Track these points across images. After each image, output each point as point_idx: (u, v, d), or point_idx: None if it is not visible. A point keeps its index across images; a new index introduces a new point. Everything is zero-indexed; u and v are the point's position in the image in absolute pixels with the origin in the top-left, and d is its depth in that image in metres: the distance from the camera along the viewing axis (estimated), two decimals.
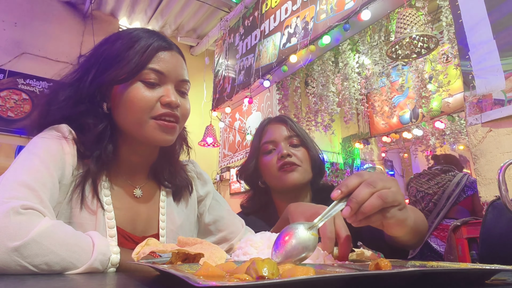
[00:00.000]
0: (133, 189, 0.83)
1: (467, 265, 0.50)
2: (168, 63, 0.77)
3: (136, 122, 0.75)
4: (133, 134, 0.77)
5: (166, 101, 0.75)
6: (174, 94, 0.77)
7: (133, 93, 0.74)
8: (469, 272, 0.43)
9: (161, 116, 0.75)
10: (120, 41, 0.78)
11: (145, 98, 0.74)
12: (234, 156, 4.94)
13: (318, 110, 3.83)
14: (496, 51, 1.67)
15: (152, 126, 0.75)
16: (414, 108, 4.41)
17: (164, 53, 0.78)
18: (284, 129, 1.22)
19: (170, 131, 0.77)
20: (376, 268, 0.40)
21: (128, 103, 0.74)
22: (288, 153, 1.16)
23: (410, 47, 2.42)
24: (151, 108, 0.74)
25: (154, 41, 0.77)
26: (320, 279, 0.31)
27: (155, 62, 0.76)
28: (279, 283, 0.30)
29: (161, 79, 0.76)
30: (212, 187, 1.01)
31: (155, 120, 0.75)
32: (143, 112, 0.74)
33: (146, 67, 0.75)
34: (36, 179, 0.62)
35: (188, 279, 0.29)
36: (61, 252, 0.52)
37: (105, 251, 0.56)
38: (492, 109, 1.66)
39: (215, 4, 4.61)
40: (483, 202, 1.67)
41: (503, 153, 1.61)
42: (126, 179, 0.82)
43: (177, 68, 0.79)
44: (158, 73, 0.75)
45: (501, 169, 0.80)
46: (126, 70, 0.74)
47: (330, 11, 3.01)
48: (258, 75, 3.80)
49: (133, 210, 0.81)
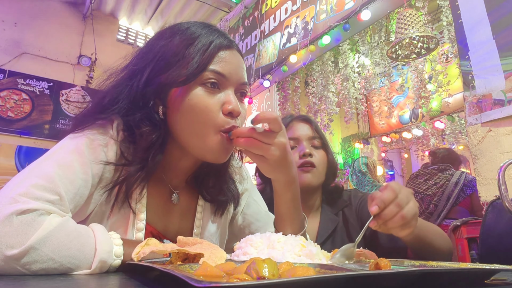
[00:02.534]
0: (171, 194, 0.76)
1: (467, 265, 0.50)
2: (230, 64, 0.69)
3: (197, 133, 0.67)
4: (190, 145, 0.69)
5: (229, 110, 0.66)
6: (236, 100, 0.68)
7: (194, 100, 0.65)
8: (469, 272, 0.43)
9: (226, 131, 0.67)
10: (178, 37, 0.69)
11: (207, 108, 0.65)
12: None
13: (318, 110, 3.83)
14: (496, 51, 1.67)
15: (216, 140, 0.66)
16: (413, 108, 4.42)
17: (225, 52, 0.69)
18: (308, 128, 1.22)
19: (231, 147, 0.69)
20: (376, 268, 0.40)
21: (188, 111, 0.66)
22: (310, 153, 1.16)
23: (410, 47, 2.42)
24: (215, 119, 0.66)
25: (215, 38, 0.69)
26: (320, 279, 0.31)
27: (216, 63, 0.67)
28: (279, 283, 0.30)
29: (222, 82, 0.68)
30: (251, 184, 0.92)
31: (220, 134, 0.67)
32: (205, 123, 0.66)
33: (207, 68, 0.66)
34: (64, 174, 0.58)
35: (188, 279, 0.29)
36: (60, 258, 0.50)
37: (106, 258, 0.53)
38: (492, 109, 1.66)
39: (215, 4, 4.62)
40: (483, 202, 1.67)
41: (503, 153, 1.61)
42: (166, 184, 0.76)
43: (238, 70, 0.70)
44: (220, 75, 0.67)
45: (501, 169, 0.80)
46: (186, 71, 0.65)
47: (330, 11, 3.01)
48: (258, 75, 3.81)
49: (167, 216, 0.76)
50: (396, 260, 0.56)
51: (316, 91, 3.78)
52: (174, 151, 0.73)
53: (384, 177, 5.28)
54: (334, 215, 1.19)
